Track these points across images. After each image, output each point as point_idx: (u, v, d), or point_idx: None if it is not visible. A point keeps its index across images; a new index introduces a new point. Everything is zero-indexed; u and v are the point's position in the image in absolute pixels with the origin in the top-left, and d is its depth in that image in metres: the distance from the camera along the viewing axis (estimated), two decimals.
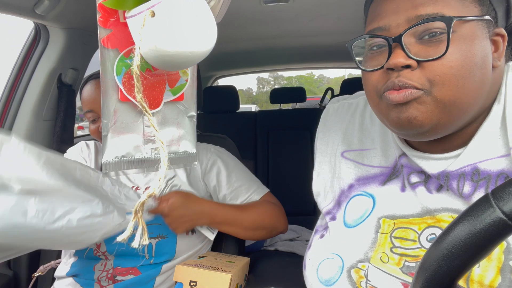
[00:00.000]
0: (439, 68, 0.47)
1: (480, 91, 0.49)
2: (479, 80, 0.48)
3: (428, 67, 0.48)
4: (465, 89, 0.48)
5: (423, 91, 0.48)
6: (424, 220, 0.54)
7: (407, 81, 0.49)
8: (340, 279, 0.57)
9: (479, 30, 0.49)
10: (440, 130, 0.51)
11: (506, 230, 0.30)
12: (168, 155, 0.39)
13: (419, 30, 0.49)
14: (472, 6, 0.49)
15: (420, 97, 0.49)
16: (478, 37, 0.48)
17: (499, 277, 0.45)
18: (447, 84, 0.47)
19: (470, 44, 0.48)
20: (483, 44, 0.49)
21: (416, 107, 0.49)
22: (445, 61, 0.47)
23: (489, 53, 0.49)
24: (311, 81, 30.99)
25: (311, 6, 1.49)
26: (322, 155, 0.73)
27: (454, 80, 0.47)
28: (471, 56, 0.47)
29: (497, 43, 0.51)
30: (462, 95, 0.48)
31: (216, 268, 0.82)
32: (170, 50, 0.34)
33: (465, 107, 0.49)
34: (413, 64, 0.49)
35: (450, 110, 0.49)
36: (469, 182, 0.51)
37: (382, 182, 0.61)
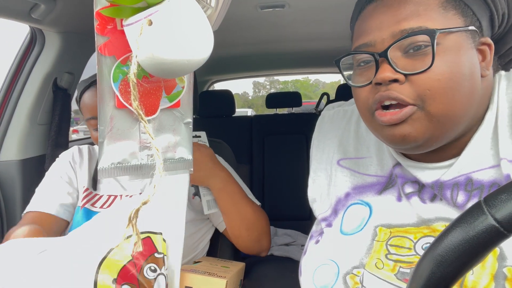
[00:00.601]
0: (428, 82, 0.47)
1: (470, 101, 0.50)
2: (468, 90, 0.49)
3: (416, 81, 0.48)
4: (456, 101, 0.48)
5: (416, 107, 0.49)
6: (420, 230, 0.54)
7: (397, 95, 0.49)
8: (336, 285, 0.57)
9: (464, 41, 0.49)
10: (434, 143, 0.52)
11: (499, 236, 0.30)
12: (164, 162, 0.39)
13: (405, 44, 0.49)
14: (455, 18, 0.49)
15: (414, 113, 0.49)
16: (463, 47, 0.49)
17: (493, 284, 0.46)
18: (437, 97, 0.47)
19: (456, 55, 0.48)
20: (470, 55, 0.49)
21: (410, 123, 0.49)
22: (433, 74, 0.47)
23: (476, 63, 0.50)
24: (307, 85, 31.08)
25: (307, 12, 1.50)
26: (317, 162, 0.73)
27: (444, 92, 0.47)
28: (458, 67, 0.48)
29: (484, 52, 0.51)
30: (454, 107, 0.48)
31: (211, 274, 0.82)
32: (167, 58, 0.34)
33: (457, 118, 0.49)
34: (400, 78, 0.49)
35: (443, 123, 0.49)
36: (462, 192, 0.51)
37: (379, 191, 0.62)
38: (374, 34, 0.51)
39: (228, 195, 0.97)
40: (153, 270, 0.67)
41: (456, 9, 0.50)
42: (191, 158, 0.46)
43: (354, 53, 0.54)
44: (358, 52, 0.53)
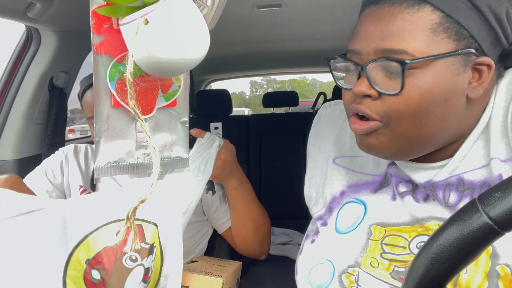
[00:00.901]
0: (396, 104, 0.48)
1: (442, 124, 0.49)
2: (440, 115, 0.48)
3: (387, 100, 0.49)
4: (423, 125, 0.48)
5: (382, 123, 0.50)
6: (414, 229, 0.55)
7: (365, 111, 0.50)
8: (332, 285, 0.57)
9: (448, 67, 0.47)
10: (405, 155, 0.53)
11: (493, 234, 0.31)
12: (160, 161, 0.39)
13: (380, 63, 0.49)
14: (444, 42, 0.47)
15: (380, 129, 0.50)
16: (444, 74, 0.47)
17: (486, 282, 0.46)
18: (403, 120, 0.48)
19: (432, 83, 0.47)
20: (452, 81, 0.47)
21: (375, 136, 0.51)
22: (402, 98, 0.47)
23: (460, 88, 0.48)
24: (304, 85, 31.11)
25: (304, 11, 1.50)
26: (314, 160, 0.73)
27: (411, 117, 0.48)
28: (430, 95, 0.47)
29: (480, 72, 0.49)
30: (420, 130, 0.49)
31: (208, 273, 0.82)
32: (163, 57, 0.34)
33: (426, 140, 0.50)
34: (373, 94, 0.49)
35: (409, 141, 0.50)
36: (454, 192, 0.52)
37: (374, 190, 0.62)
38: (361, 44, 0.51)
39: (242, 195, 0.97)
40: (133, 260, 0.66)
41: (447, 32, 0.47)
42: (187, 156, 0.46)
43: (341, 58, 0.55)
44: (344, 58, 0.54)
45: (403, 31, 0.47)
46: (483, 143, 0.51)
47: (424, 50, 0.46)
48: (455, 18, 0.46)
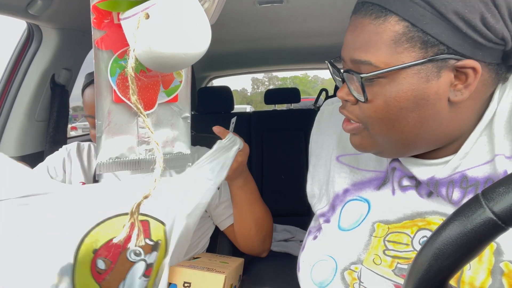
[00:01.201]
0: (366, 110, 0.51)
1: (421, 129, 0.50)
2: (415, 121, 0.49)
3: (361, 106, 0.52)
4: (397, 130, 0.51)
5: (363, 126, 0.54)
6: (415, 223, 0.55)
7: (347, 114, 0.55)
8: (334, 281, 0.57)
9: (414, 75, 0.47)
10: (394, 154, 0.55)
11: (496, 230, 0.31)
12: (163, 156, 0.39)
13: None
14: (407, 52, 0.47)
15: (362, 131, 0.55)
16: (407, 83, 0.48)
17: (490, 279, 0.46)
18: (375, 125, 0.52)
19: (397, 91, 0.48)
20: (421, 88, 0.48)
21: (359, 136, 0.56)
22: (370, 105, 0.51)
23: (433, 93, 0.48)
24: (305, 81, 31.06)
25: (305, 7, 1.49)
26: (316, 158, 0.73)
27: (381, 122, 0.51)
28: (396, 102, 0.49)
29: (466, 74, 0.48)
30: (395, 134, 0.51)
31: (210, 269, 0.82)
32: (164, 52, 0.34)
33: (407, 142, 0.52)
34: (351, 100, 0.53)
35: (390, 143, 0.53)
36: (458, 189, 0.51)
37: (377, 186, 0.62)
38: (343, 52, 0.54)
39: (246, 193, 0.97)
40: (137, 254, 0.66)
41: (411, 42, 0.47)
42: (189, 152, 0.46)
43: (331, 63, 0.59)
44: (333, 64, 0.59)
45: (369, 43, 0.49)
46: (487, 139, 0.51)
47: (387, 61, 0.48)
48: (420, 27, 0.46)
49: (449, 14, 0.45)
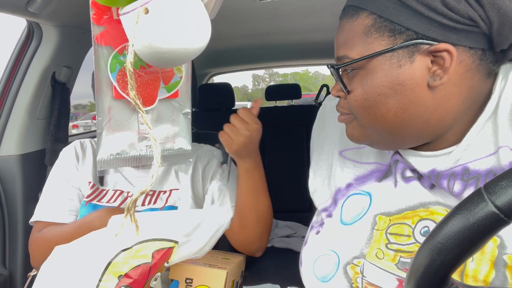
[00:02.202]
0: (350, 101, 0.55)
1: (404, 115, 0.52)
2: (396, 107, 0.52)
3: (348, 98, 0.56)
4: (379, 117, 0.53)
5: (354, 117, 0.57)
6: (417, 213, 0.55)
7: (339, 108, 0.60)
8: (336, 276, 0.57)
9: (387, 61, 0.51)
10: (386, 145, 0.58)
11: (499, 223, 0.30)
12: (162, 152, 0.39)
13: None
14: (377, 41, 0.51)
15: (352, 121, 0.58)
16: (381, 69, 0.51)
17: (493, 271, 0.46)
18: (360, 114, 0.55)
19: (373, 78, 0.52)
20: (394, 73, 0.50)
21: (351, 127, 0.59)
22: (352, 96, 0.55)
23: (409, 78, 0.50)
24: (306, 78, 31.00)
25: (306, 3, 1.48)
26: (318, 152, 0.73)
27: (363, 110, 0.54)
28: (373, 89, 0.52)
29: (442, 58, 0.49)
30: (379, 121, 0.53)
31: (212, 265, 0.82)
32: (164, 47, 0.34)
33: (395, 130, 0.53)
34: (341, 95, 0.58)
35: (379, 133, 0.55)
36: (459, 181, 0.51)
37: (379, 178, 0.62)
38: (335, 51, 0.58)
39: (253, 179, 0.93)
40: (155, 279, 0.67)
41: (379, 32, 0.51)
42: (190, 148, 0.46)
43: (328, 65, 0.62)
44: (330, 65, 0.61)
45: (347, 39, 0.54)
46: (490, 131, 0.51)
47: (360, 52, 0.52)
48: (386, 17, 0.50)
49: (409, 1, 0.48)
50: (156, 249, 0.63)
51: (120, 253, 0.60)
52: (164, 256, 0.65)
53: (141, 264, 0.62)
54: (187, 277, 0.79)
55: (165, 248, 0.65)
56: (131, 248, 0.61)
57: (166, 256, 0.66)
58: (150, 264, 0.62)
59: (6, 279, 1.24)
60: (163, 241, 0.65)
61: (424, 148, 0.56)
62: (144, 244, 0.62)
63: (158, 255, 0.64)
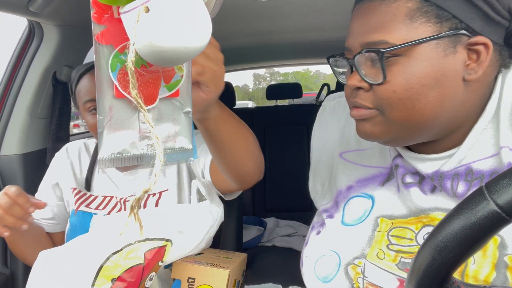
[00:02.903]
0: (384, 92, 0.49)
1: (440, 109, 0.49)
2: (435, 100, 0.48)
3: (376, 90, 0.50)
4: (416, 110, 0.49)
5: (378, 111, 0.51)
6: (420, 219, 0.54)
7: (361, 102, 0.52)
8: (337, 276, 0.57)
9: (433, 50, 0.47)
10: (405, 141, 0.53)
11: (500, 222, 0.30)
12: (164, 151, 0.39)
13: (365, 55, 0.50)
14: (423, 27, 0.47)
15: (376, 116, 0.52)
16: (429, 58, 0.47)
17: (494, 273, 0.46)
18: (394, 107, 0.49)
19: (417, 67, 0.47)
20: (440, 63, 0.47)
21: (372, 123, 0.53)
22: (388, 86, 0.49)
23: (452, 69, 0.48)
24: (307, 77, 30.99)
25: (306, 1, 1.48)
26: (319, 154, 0.73)
27: (401, 103, 0.49)
28: (417, 79, 0.47)
29: (478, 52, 0.48)
30: (415, 115, 0.49)
31: (214, 265, 0.82)
32: (165, 46, 0.34)
33: (423, 125, 0.50)
34: (364, 86, 0.51)
35: (406, 127, 0.51)
36: (463, 182, 0.51)
37: (381, 182, 0.62)
38: (350, 41, 0.53)
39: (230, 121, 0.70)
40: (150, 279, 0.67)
41: (426, 16, 0.47)
42: (191, 147, 0.46)
43: (335, 56, 0.58)
44: (337, 56, 0.57)
45: (383, 23, 0.49)
46: (492, 131, 0.51)
47: (403, 37, 0.47)
48: (433, 1, 0.47)
49: None
50: (147, 249, 0.63)
51: (110, 256, 0.60)
52: (156, 255, 0.65)
53: (134, 266, 0.61)
54: (189, 276, 0.79)
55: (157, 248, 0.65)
56: (122, 250, 0.61)
57: (159, 255, 0.66)
58: (143, 265, 0.62)
59: (7, 279, 1.24)
60: (154, 240, 0.65)
61: (427, 151, 0.55)
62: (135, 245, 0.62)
63: (150, 255, 0.63)
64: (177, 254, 0.71)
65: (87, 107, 0.95)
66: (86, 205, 0.98)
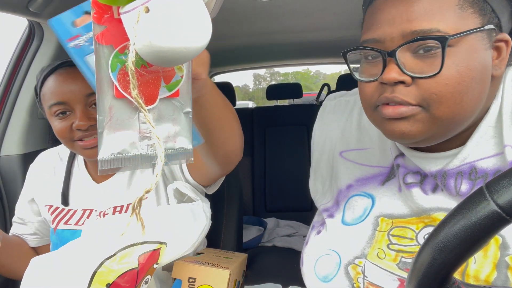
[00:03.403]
0: (434, 86, 0.46)
1: (478, 103, 0.48)
2: (477, 93, 0.47)
3: (423, 84, 0.46)
4: (464, 105, 0.46)
5: (421, 108, 0.47)
6: (422, 220, 0.54)
7: (402, 98, 0.47)
8: (338, 276, 0.57)
9: (479, 42, 0.46)
10: (434, 140, 0.51)
11: (501, 222, 0.30)
12: (164, 151, 0.39)
13: (414, 45, 0.47)
14: (472, 17, 0.46)
15: (418, 114, 0.48)
16: (476, 50, 0.46)
17: (495, 273, 0.46)
18: (444, 102, 0.46)
19: (468, 59, 0.45)
20: (483, 56, 0.47)
21: (411, 122, 0.48)
22: (440, 78, 0.45)
23: (489, 64, 0.47)
24: (307, 77, 30.96)
25: (307, 2, 1.48)
26: (319, 153, 0.73)
27: (451, 97, 0.46)
28: (468, 71, 0.45)
29: (499, 49, 0.49)
30: (461, 110, 0.47)
31: (214, 265, 0.82)
32: (165, 46, 0.34)
33: (463, 121, 0.48)
34: (407, 80, 0.47)
35: (447, 125, 0.48)
36: (466, 181, 0.51)
37: (382, 182, 0.62)
38: (384, 30, 0.49)
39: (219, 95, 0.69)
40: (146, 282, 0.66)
41: (473, 7, 0.46)
42: (191, 148, 0.46)
43: (362, 48, 0.52)
44: (366, 48, 0.51)
45: (431, 11, 0.45)
46: (496, 130, 0.51)
47: (455, 27, 0.45)
48: None
49: None
50: (141, 253, 0.62)
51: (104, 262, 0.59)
52: (150, 259, 0.64)
53: (128, 271, 0.61)
54: (190, 276, 0.79)
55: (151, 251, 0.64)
56: (115, 255, 0.60)
57: (153, 259, 0.65)
58: (137, 269, 0.62)
59: (7, 280, 1.24)
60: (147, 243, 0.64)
61: (431, 150, 0.55)
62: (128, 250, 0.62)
63: (144, 259, 0.63)
64: (172, 255, 0.71)
65: (53, 112, 0.85)
66: (65, 222, 0.93)
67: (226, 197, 1.20)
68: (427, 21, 0.45)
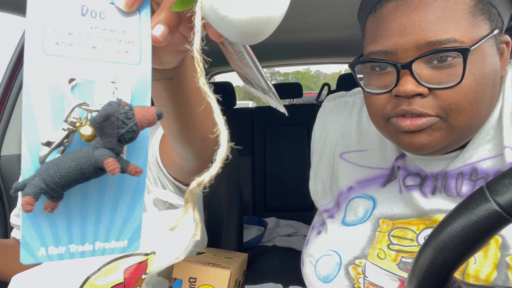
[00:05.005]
0: (453, 96, 0.45)
1: (491, 108, 0.49)
2: (490, 99, 0.47)
3: (441, 95, 0.45)
4: (480, 112, 0.46)
5: (438, 118, 0.47)
6: (423, 221, 0.55)
7: (421, 110, 0.46)
8: (338, 276, 0.57)
9: (490, 48, 0.46)
10: (450, 148, 0.51)
11: (501, 222, 0.30)
12: None
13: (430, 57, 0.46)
14: (483, 24, 0.46)
15: (435, 124, 0.47)
16: (489, 56, 0.46)
17: (495, 272, 0.46)
18: (462, 111, 0.45)
19: (483, 66, 0.45)
20: (494, 61, 0.47)
21: (429, 133, 0.47)
22: (459, 88, 0.44)
23: (498, 68, 0.48)
24: (307, 76, 30.91)
25: (307, 1, 1.48)
26: (319, 154, 0.73)
27: (469, 106, 0.45)
28: (484, 79, 0.45)
29: (502, 50, 0.49)
30: (477, 117, 0.47)
31: (215, 265, 0.82)
32: (243, 18, 0.28)
33: (478, 127, 0.49)
34: (424, 92, 0.46)
35: (463, 133, 0.48)
36: (467, 182, 0.51)
37: (382, 183, 0.62)
38: (395, 41, 0.47)
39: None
40: None
41: (484, 13, 0.46)
42: None
43: (373, 61, 0.50)
44: (377, 60, 0.49)
45: (444, 19, 0.44)
46: (497, 131, 0.51)
47: (469, 35, 0.44)
48: None
49: None
50: (127, 266, 0.61)
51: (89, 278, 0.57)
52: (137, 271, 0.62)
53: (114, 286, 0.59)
54: (190, 276, 0.79)
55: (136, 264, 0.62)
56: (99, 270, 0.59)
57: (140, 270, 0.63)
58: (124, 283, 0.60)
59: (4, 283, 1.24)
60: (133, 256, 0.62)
61: (434, 153, 0.54)
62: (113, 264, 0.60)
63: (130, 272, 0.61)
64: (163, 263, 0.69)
65: None
66: None
67: (227, 197, 1.20)
68: (442, 30, 0.44)
